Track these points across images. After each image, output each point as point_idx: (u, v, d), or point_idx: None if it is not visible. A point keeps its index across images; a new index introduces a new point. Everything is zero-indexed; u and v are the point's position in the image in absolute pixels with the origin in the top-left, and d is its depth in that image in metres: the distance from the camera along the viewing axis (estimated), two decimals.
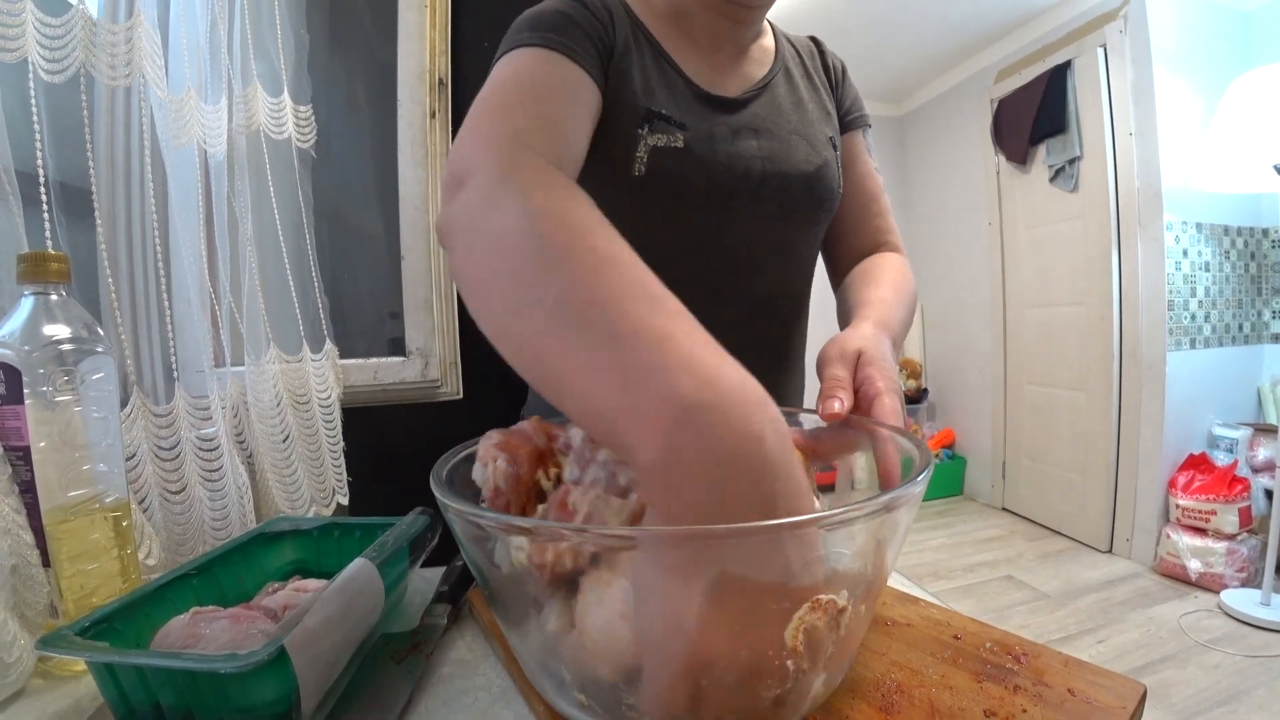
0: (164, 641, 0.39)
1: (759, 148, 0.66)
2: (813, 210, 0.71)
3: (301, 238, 0.95)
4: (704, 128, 0.64)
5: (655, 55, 0.66)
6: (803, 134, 0.70)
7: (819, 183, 0.70)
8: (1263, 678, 1.75)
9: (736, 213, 0.67)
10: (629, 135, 0.61)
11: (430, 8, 1.06)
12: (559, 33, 0.58)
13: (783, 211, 0.69)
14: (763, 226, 0.69)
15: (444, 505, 0.33)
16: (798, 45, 0.78)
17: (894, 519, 0.33)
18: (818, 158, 0.70)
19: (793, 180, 0.68)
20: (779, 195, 0.68)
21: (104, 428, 0.49)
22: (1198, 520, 2.32)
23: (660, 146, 0.62)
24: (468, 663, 0.46)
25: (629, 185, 0.62)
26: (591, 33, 0.60)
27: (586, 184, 0.65)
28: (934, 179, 3.78)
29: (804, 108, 0.73)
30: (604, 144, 0.62)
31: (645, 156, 0.61)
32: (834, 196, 0.72)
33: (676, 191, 0.63)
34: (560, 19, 0.59)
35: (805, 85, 0.75)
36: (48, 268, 0.47)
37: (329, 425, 0.95)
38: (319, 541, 0.57)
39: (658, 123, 0.62)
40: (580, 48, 0.58)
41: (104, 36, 0.70)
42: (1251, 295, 2.66)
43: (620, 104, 0.62)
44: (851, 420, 0.45)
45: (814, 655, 0.30)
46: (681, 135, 0.62)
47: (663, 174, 0.62)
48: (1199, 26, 2.50)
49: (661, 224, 0.65)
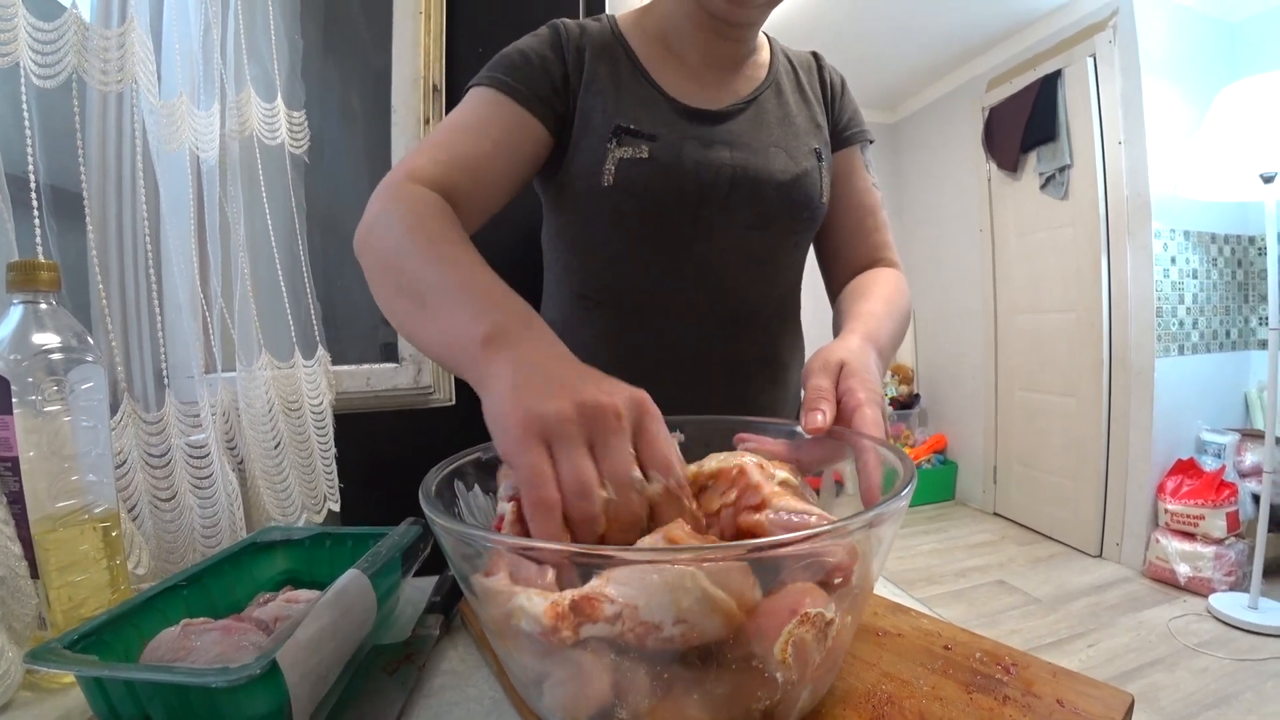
0: (154, 654, 0.39)
1: (730, 158, 0.68)
2: (791, 220, 0.72)
3: (294, 243, 0.95)
4: (675, 139, 0.67)
5: (635, 73, 0.69)
6: (783, 145, 0.71)
7: (796, 191, 0.71)
8: (1251, 681, 1.76)
9: (709, 222, 0.68)
10: (599, 150, 0.66)
11: (425, 15, 1.06)
12: (509, 73, 0.65)
13: (759, 221, 0.70)
14: (739, 237, 0.70)
15: (433, 521, 0.33)
16: (795, 60, 0.79)
17: (878, 534, 0.33)
18: (796, 167, 0.71)
19: (766, 188, 0.69)
20: (753, 203, 0.69)
21: (93, 437, 0.49)
22: (1186, 525, 2.34)
23: (626, 158, 0.65)
24: (460, 674, 0.46)
25: (600, 196, 0.66)
26: (545, 67, 0.67)
27: (570, 195, 0.69)
28: (926, 186, 3.81)
29: (790, 121, 0.73)
30: (579, 158, 0.67)
31: (614, 169, 0.65)
32: (814, 205, 0.73)
33: (644, 200, 0.66)
34: (517, 60, 0.66)
35: (796, 99, 0.76)
36: (38, 276, 0.47)
37: (320, 432, 0.95)
38: (310, 551, 0.56)
39: (625, 137, 0.66)
40: (527, 87, 0.65)
41: (96, 41, 0.70)
42: (1239, 302, 2.69)
43: (591, 124, 0.67)
44: (834, 431, 0.45)
45: (802, 667, 0.30)
46: (648, 146, 0.66)
47: (629, 184, 0.66)
48: (1187, 37, 2.53)
49: (636, 232, 0.68)
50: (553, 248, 0.77)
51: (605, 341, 0.72)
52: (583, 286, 0.73)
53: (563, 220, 0.73)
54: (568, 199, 0.70)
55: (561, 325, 0.73)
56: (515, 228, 0.87)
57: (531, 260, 0.84)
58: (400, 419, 1.09)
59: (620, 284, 0.71)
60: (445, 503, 0.39)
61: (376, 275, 0.53)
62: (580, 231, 0.72)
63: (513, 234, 0.89)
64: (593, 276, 0.72)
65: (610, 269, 0.71)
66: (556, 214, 0.74)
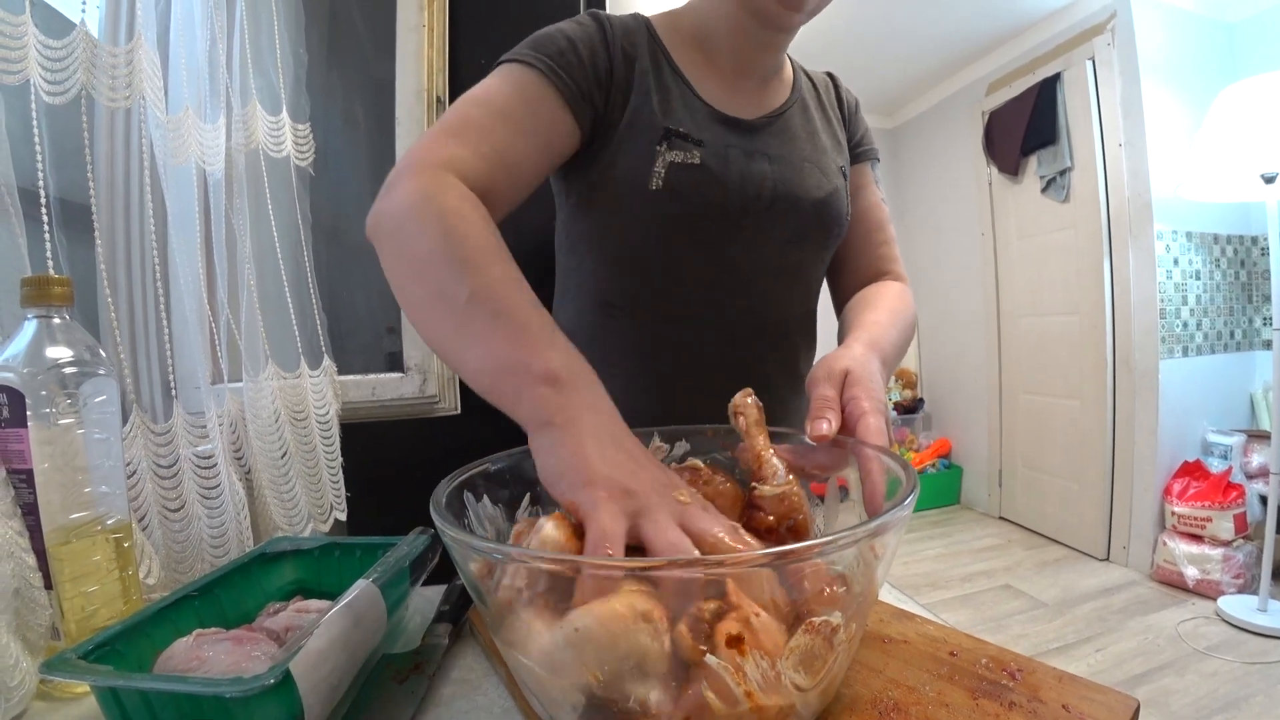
0: (167, 664, 0.39)
1: (771, 171, 0.68)
2: (823, 235, 0.73)
3: (300, 255, 0.95)
4: (719, 147, 0.66)
5: (674, 76, 0.68)
6: (815, 162, 0.72)
7: (829, 208, 0.71)
8: (1261, 684, 1.75)
9: (749, 232, 0.68)
10: (648, 151, 0.64)
11: (428, 28, 1.07)
12: (552, 57, 0.61)
13: (795, 236, 0.70)
14: (775, 249, 0.70)
15: (443, 532, 0.33)
16: (814, 79, 0.80)
17: (882, 541, 0.33)
18: (829, 184, 0.71)
19: (804, 204, 0.69)
20: (791, 219, 0.69)
21: (106, 449, 0.49)
22: (1193, 527, 2.33)
23: (678, 162, 0.64)
24: (469, 682, 0.46)
25: (648, 198, 0.64)
26: (593, 60, 0.63)
27: (608, 196, 0.68)
28: (927, 191, 3.81)
29: (817, 138, 0.74)
30: (625, 159, 0.64)
31: (663, 171, 0.64)
32: (843, 222, 0.74)
33: (692, 206, 0.65)
34: (562, 44, 0.62)
35: (819, 117, 0.77)
36: (51, 291, 0.48)
37: (327, 441, 0.96)
38: (320, 561, 0.57)
39: (676, 140, 0.64)
40: (569, 75, 0.61)
41: (105, 58, 0.71)
42: (1242, 302, 2.69)
43: (639, 122, 0.64)
44: (839, 440, 0.45)
45: (811, 674, 0.31)
46: (698, 152, 0.65)
47: (680, 189, 0.64)
48: (1185, 39, 2.54)
49: (677, 237, 0.67)
50: (573, 250, 0.74)
51: (630, 349, 0.70)
52: (607, 293, 0.71)
53: (591, 222, 0.70)
54: (603, 200, 0.68)
55: (581, 333, 0.71)
56: (525, 235, 0.87)
57: (539, 264, 0.84)
58: (406, 428, 1.10)
59: (651, 290, 0.69)
60: (455, 513, 0.39)
61: (405, 271, 0.50)
62: (613, 234, 0.69)
63: (525, 239, 0.89)
64: (618, 283, 0.70)
65: (638, 275, 0.69)
66: (584, 215, 0.71)
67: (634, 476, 0.37)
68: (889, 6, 2.73)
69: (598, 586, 0.30)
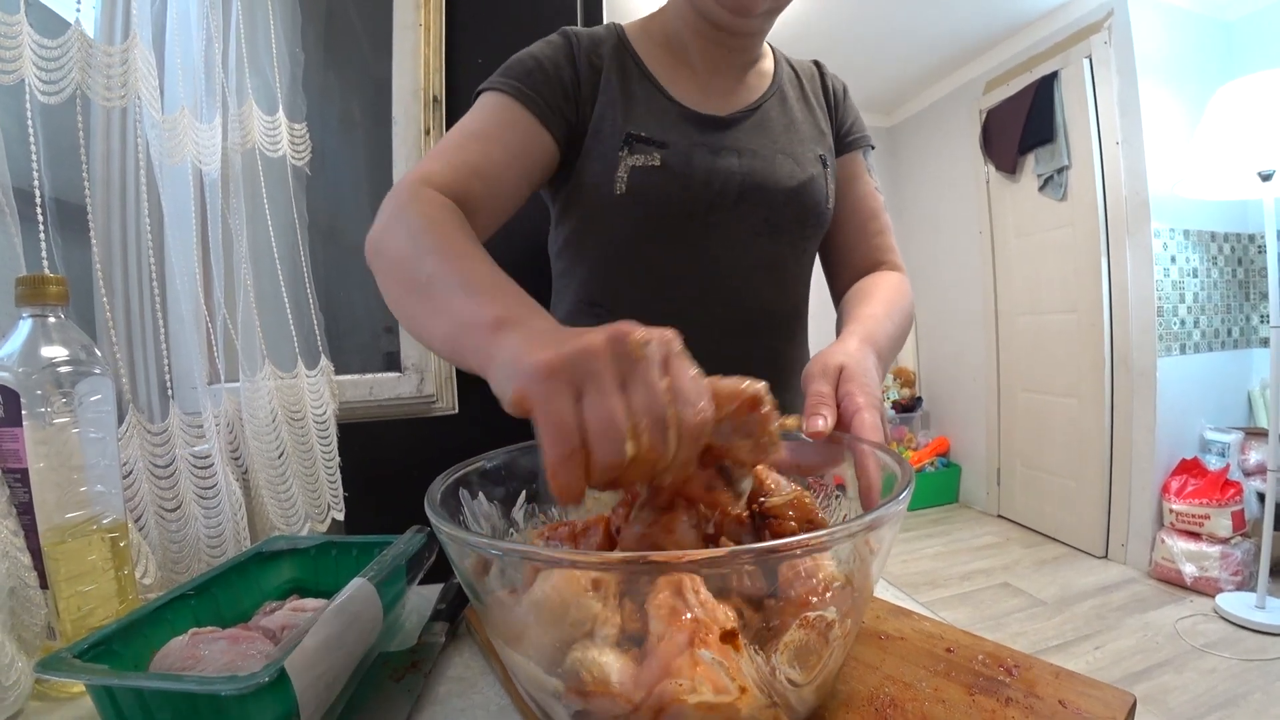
0: (163, 663, 0.39)
1: (739, 165, 0.69)
2: (799, 225, 0.72)
3: (296, 254, 0.95)
4: (684, 146, 0.67)
5: (643, 81, 0.70)
6: (789, 152, 0.72)
7: (804, 196, 0.71)
8: (1259, 681, 1.75)
9: (721, 228, 0.69)
10: (611, 158, 0.66)
11: (425, 27, 1.07)
12: (520, 78, 0.65)
13: (769, 228, 0.70)
14: (750, 243, 0.70)
15: (439, 529, 0.33)
16: (798, 68, 0.80)
17: (877, 536, 0.33)
18: (802, 173, 0.71)
19: (776, 196, 0.70)
20: (762, 210, 0.70)
21: (101, 449, 0.49)
22: (1191, 524, 2.33)
23: (638, 166, 0.66)
24: (465, 680, 0.46)
25: (613, 203, 0.66)
26: (559, 75, 0.67)
27: (582, 204, 0.70)
28: (924, 189, 3.81)
29: (795, 128, 0.74)
30: (592, 166, 0.67)
31: (625, 176, 0.66)
32: (821, 211, 0.74)
33: (655, 207, 0.67)
34: (530, 64, 0.66)
35: (800, 106, 0.76)
36: (46, 290, 0.48)
37: (324, 441, 0.95)
38: (316, 560, 0.57)
39: (637, 144, 0.66)
40: (537, 92, 0.65)
41: (100, 58, 0.70)
42: (1240, 300, 2.69)
43: (604, 130, 0.67)
44: (834, 436, 0.45)
45: (807, 670, 0.31)
46: (659, 154, 0.66)
47: (642, 191, 0.66)
48: (1182, 37, 2.54)
49: (649, 238, 0.68)
50: (561, 257, 0.77)
51: None
52: (591, 294, 0.73)
53: (571, 229, 0.73)
54: (578, 207, 0.71)
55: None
56: (520, 239, 0.87)
57: (536, 270, 0.84)
58: (403, 428, 1.10)
59: (630, 291, 0.71)
60: (450, 511, 0.39)
61: (387, 277, 0.52)
62: (590, 239, 0.72)
63: (519, 245, 0.89)
64: (602, 284, 0.72)
65: (620, 276, 0.71)
66: (565, 222, 0.74)
67: (573, 338, 0.32)
68: (888, 6, 2.73)
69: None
